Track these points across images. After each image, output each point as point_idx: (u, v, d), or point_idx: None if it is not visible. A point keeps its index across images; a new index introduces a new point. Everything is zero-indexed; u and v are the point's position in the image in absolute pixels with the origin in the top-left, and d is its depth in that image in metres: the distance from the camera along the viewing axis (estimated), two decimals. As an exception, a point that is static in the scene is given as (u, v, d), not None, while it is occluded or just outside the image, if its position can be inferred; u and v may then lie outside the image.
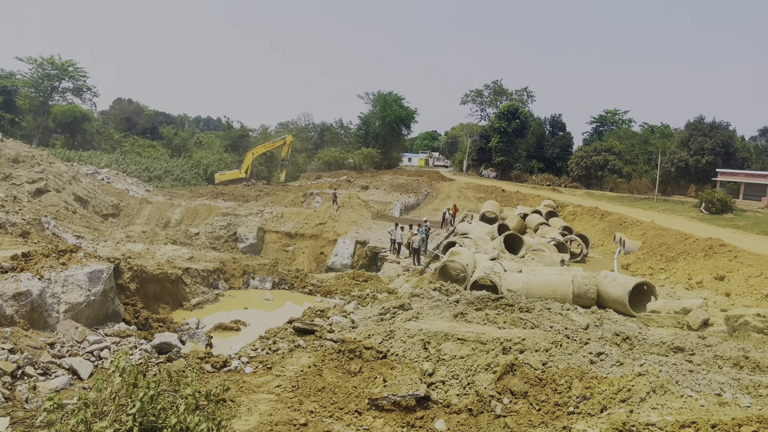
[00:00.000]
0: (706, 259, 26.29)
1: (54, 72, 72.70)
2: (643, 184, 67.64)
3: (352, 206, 43.81)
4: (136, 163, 65.23)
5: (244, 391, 10.97)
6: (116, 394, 6.86)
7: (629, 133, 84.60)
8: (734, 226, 38.60)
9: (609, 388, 9.63)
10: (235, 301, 21.91)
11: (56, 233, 27.95)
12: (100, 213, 40.74)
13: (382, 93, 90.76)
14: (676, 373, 10.16)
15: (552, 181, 76.05)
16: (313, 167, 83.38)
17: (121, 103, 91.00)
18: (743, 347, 12.90)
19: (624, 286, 20.01)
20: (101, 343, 12.87)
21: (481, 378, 11.06)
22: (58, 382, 10.68)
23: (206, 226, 38.72)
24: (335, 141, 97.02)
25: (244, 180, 61.48)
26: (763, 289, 20.92)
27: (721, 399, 8.99)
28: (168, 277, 19.92)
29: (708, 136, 61.68)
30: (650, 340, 13.91)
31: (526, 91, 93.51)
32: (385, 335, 13.47)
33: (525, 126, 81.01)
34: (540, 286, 20.92)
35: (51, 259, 14.41)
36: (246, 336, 16.73)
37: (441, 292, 19.48)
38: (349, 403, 10.37)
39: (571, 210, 51.05)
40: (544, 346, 11.89)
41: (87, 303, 14.02)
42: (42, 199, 36.70)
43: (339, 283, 24.92)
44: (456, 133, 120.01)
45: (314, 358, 12.69)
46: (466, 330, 13.43)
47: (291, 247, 36.88)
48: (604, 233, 41.04)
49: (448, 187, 65.89)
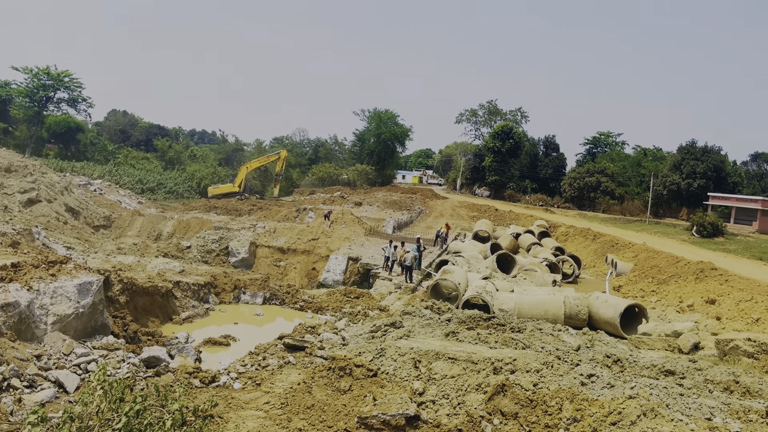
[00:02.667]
0: (698, 283, 26.37)
1: (49, 82, 72.82)
2: (636, 207, 68.05)
3: (345, 222, 43.80)
4: (129, 174, 65.20)
5: (233, 407, 10.85)
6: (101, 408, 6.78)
7: (622, 155, 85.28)
8: (725, 249, 38.80)
9: (599, 411, 9.58)
10: (225, 315, 21.75)
11: (46, 244, 27.76)
12: (91, 224, 40.56)
13: (378, 110, 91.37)
14: (666, 397, 10.13)
15: (545, 202, 76.40)
16: (307, 183, 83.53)
17: (115, 115, 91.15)
18: (734, 371, 12.89)
19: (615, 308, 20.02)
20: (89, 356, 12.71)
21: (471, 398, 10.99)
22: (43, 395, 10.53)
23: (198, 239, 38.57)
24: (330, 157, 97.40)
25: (237, 194, 61.46)
26: (753, 314, 20.98)
27: (712, 423, 8.96)
28: (158, 290, 19.76)
29: (700, 160, 62.27)
30: (641, 362, 13.87)
31: (520, 111, 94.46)
32: (376, 353, 13.38)
33: (519, 146, 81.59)
34: (532, 306, 20.90)
35: (40, 270, 14.29)
36: (236, 351, 16.59)
37: (433, 310, 19.42)
38: (338, 421, 10.27)
39: (563, 231, 51.23)
40: (535, 367, 11.84)
41: (76, 315, 13.88)
42: (33, 210, 36.51)
43: (330, 300, 24.80)
44: (450, 151, 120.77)
45: (304, 375, 12.59)
46: (457, 349, 13.37)
47: (283, 262, 36.76)
48: (596, 254, 41.15)
49: (441, 205, 66.06)
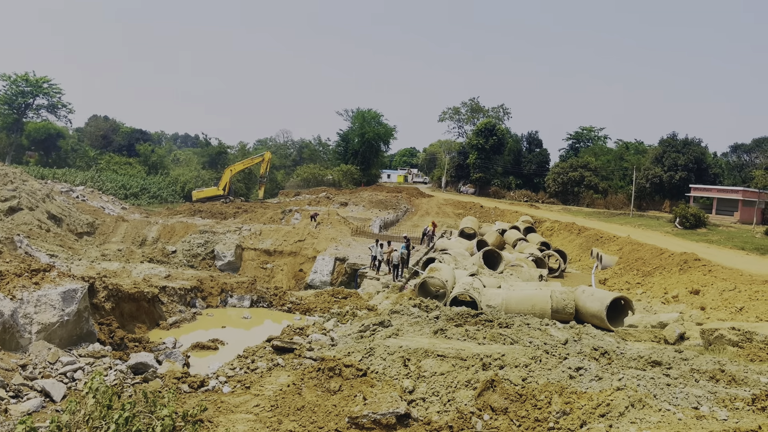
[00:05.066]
0: (682, 274, 26.66)
1: (28, 89, 71.89)
2: (619, 200, 68.70)
3: (331, 223, 43.74)
4: (112, 180, 64.58)
5: (222, 411, 10.80)
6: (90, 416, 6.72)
7: (605, 149, 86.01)
8: (708, 240, 39.26)
9: (588, 403, 9.66)
10: (212, 319, 21.64)
11: (29, 252, 27.43)
12: (74, 231, 40.11)
13: (361, 110, 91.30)
14: (653, 387, 10.23)
15: (529, 197, 76.84)
16: (292, 184, 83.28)
17: (96, 120, 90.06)
18: (719, 360, 13.05)
19: (602, 301, 20.19)
20: (75, 364, 12.59)
21: (461, 394, 11.02)
22: (30, 405, 10.41)
23: (183, 243, 38.33)
24: (314, 158, 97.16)
25: (222, 197, 61.13)
26: (737, 303, 21.26)
27: (699, 412, 9.06)
28: (144, 295, 19.61)
29: (681, 153, 63.02)
30: (628, 354, 14.00)
31: (502, 108, 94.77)
32: (365, 353, 13.38)
33: (502, 143, 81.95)
34: (519, 302, 21.01)
35: (23, 278, 14.11)
36: (224, 355, 16.51)
37: (421, 308, 19.45)
38: (328, 422, 10.26)
39: (548, 226, 51.54)
40: (524, 362, 11.91)
41: (60, 323, 13.73)
42: (15, 218, 36.04)
43: (318, 301, 24.76)
44: (434, 149, 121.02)
45: (293, 376, 12.55)
46: (446, 346, 13.41)
47: (270, 264, 36.64)
48: (581, 248, 41.45)
49: (427, 204, 66.17)
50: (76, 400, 7.38)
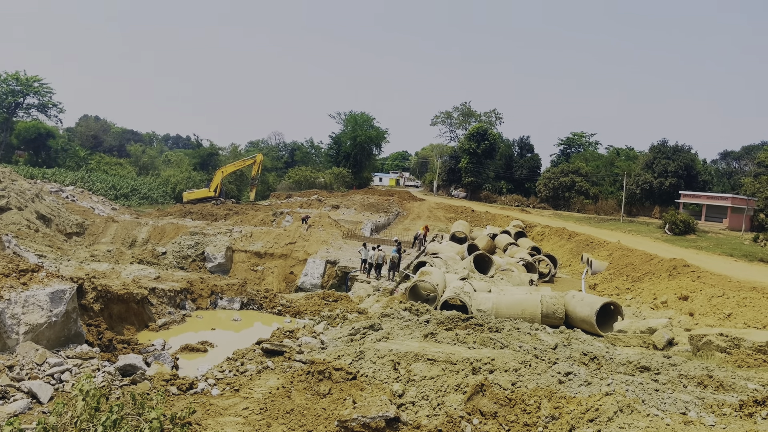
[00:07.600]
0: (671, 280, 26.82)
1: (18, 88, 71.46)
2: (610, 206, 69.12)
3: (322, 225, 43.67)
4: (102, 181, 64.26)
5: (211, 414, 10.75)
6: (78, 418, 6.67)
7: (596, 155, 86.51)
8: (697, 246, 39.54)
9: (577, 408, 9.70)
10: (202, 321, 21.55)
11: (17, 252, 27.21)
12: (63, 231, 39.86)
13: (354, 113, 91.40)
14: (642, 393, 10.28)
15: (521, 202, 77.10)
16: (284, 186, 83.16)
17: (87, 120, 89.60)
18: (707, 366, 13.14)
19: (591, 306, 20.27)
20: (62, 366, 12.49)
21: (451, 398, 11.03)
22: (16, 406, 10.33)
23: (174, 245, 38.16)
24: (306, 160, 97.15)
25: (213, 199, 60.90)
26: (725, 309, 21.40)
27: (686, 418, 9.12)
28: (133, 297, 19.50)
29: (671, 159, 63.50)
30: (617, 359, 14.06)
31: (494, 112, 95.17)
32: (355, 356, 13.37)
33: (494, 147, 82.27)
34: (509, 306, 21.06)
35: (11, 278, 14.00)
36: (213, 357, 16.43)
37: (411, 312, 19.45)
38: (318, 425, 10.24)
39: (539, 230, 51.70)
40: (514, 366, 11.94)
41: (48, 324, 13.62)
42: (3, 218, 35.80)
43: (309, 304, 24.72)
44: (426, 153, 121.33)
45: (283, 379, 12.52)
46: (436, 350, 13.42)
47: (260, 266, 36.53)
48: (571, 253, 41.61)
49: (418, 207, 66.22)
50: (64, 401, 7.33)
